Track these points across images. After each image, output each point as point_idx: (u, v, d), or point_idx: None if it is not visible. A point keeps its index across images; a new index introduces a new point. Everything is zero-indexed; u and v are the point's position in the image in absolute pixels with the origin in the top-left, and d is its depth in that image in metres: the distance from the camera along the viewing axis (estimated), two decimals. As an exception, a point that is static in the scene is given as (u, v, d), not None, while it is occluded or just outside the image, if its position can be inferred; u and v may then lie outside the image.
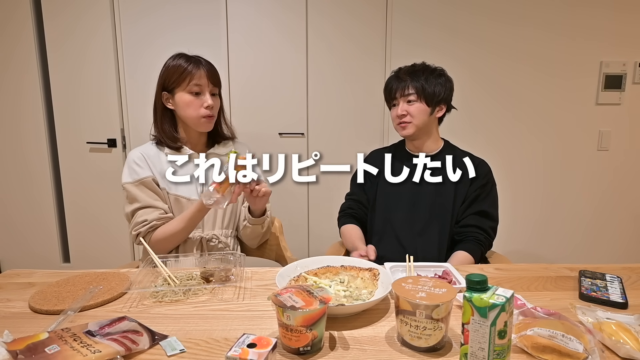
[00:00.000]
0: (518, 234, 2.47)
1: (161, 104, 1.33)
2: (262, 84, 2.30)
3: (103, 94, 2.30)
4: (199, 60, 1.31)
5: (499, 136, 2.38)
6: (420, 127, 1.35)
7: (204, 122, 1.32)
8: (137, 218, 1.27)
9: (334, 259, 1.05)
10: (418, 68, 1.37)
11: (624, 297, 0.90)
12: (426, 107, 1.34)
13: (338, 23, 2.26)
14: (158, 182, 1.32)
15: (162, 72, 1.32)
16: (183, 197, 1.32)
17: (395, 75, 1.40)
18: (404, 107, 1.34)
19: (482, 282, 0.63)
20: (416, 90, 1.33)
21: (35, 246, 2.47)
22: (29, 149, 2.38)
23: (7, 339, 0.71)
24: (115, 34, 2.24)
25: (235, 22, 2.24)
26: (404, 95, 1.34)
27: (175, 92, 1.30)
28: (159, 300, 0.93)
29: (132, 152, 1.35)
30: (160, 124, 1.35)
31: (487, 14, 2.26)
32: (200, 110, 1.30)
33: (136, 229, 1.26)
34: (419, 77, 1.34)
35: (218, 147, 1.41)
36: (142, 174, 1.30)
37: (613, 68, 2.31)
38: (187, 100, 1.29)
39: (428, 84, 1.33)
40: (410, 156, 1.42)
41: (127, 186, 1.29)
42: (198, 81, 1.28)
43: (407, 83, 1.34)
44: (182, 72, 1.27)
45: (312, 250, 2.47)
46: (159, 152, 1.35)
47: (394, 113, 1.39)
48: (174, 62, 1.30)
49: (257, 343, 0.66)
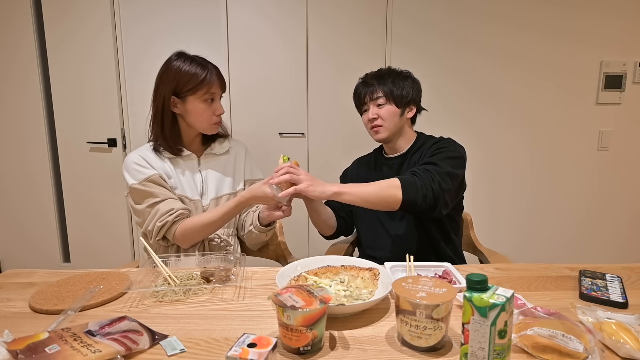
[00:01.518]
0: (517, 234, 2.47)
1: (169, 109, 1.28)
2: (262, 83, 2.30)
3: (103, 94, 2.30)
4: (209, 68, 1.28)
5: (499, 136, 2.38)
6: (392, 130, 1.35)
7: (214, 128, 1.34)
8: (162, 208, 1.22)
9: (334, 258, 1.05)
10: (384, 72, 1.38)
11: (624, 296, 0.90)
12: (396, 108, 1.34)
13: (338, 23, 2.26)
14: (165, 179, 1.29)
15: (172, 76, 1.25)
16: (186, 197, 1.31)
17: (362, 81, 1.41)
18: (374, 110, 1.35)
19: (482, 282, 0.63)
20: (384, 93, 1.34)
21: (36, 246, 2.47)
22: (29, 149, 2.38)
23: (8, 338, 0.71)
24: (116, 33, 2.24)
25: (236, 24, 2.24)
26: (373, 99, 1.35)
27: (188, 100, 1.27)
28: (159, 300, 0.93)
29: (130, 155, 1.31)
30: (167, 129, 1.30)
31: (487, 17, 2.27)
32: (212, 118, 1.30)
33: (162, 220, 1.21)
34: (386, 80, 1.35)
35: (215, 145, 1.41)
36: (147, 172, 1.26)
37: (613, 68, 2.31)
38: (201, 108, 1.28)
39: (396, 86, 1.34)
40: (385, 159, 1.45)
41: (135, 187, 1.24)
42: (214, 90, 1.28)
43: (375, 87, 1.35)
44: (199, 82, 1.25)
45: (312, 250, 2.47)
46: (158, 156, 1.32)
47: (365, 118, 1.39)
48: (186, 67, 1.25)
49: (257, 343, 0.66)
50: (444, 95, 2.30)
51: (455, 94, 2.30)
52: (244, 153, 1.47)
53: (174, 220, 1.22)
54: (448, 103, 2.30)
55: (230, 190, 1.39)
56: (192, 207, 1.31)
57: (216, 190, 1.36)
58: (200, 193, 1.35)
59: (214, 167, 1.39)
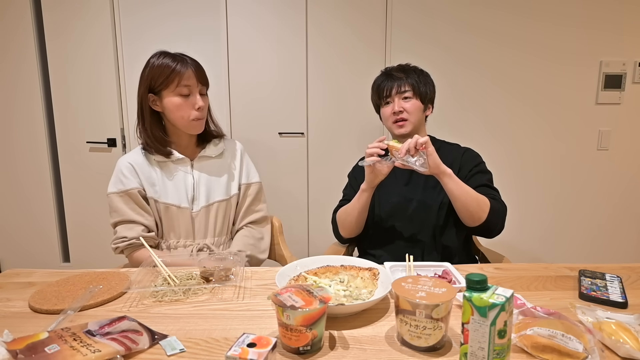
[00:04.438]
0: (516, 234, 2.47)
1: (148, 107, 1.27)
2: (262, 83, 2.30)
3: (103, 94, 2.30)
4: (184, 59, 1.24)
5: (498, 135, 2.38)
6: (416, 125, 1.36)
7: (195, 125, 1.28)
8: (118, 233, 1.25)
9: (334, 258, 1.04)
10: (408, 68, 1.38)
11: (624, 296, 0.90)
12: (421, 104, 1.35)
13: (339, 20, 2.25)
14: (145, 193, 1.28)
15: (147, 73, 1.25)
16: (173, 205, 1.28)
17: (386, 74, 1.39)
18: (400, 103, 1.34)
19: (481, 282, 0.63)
20: (412, 87, 1.34)
21: (35, 246, 2.47)
22: (28, 149, 2.38)
23: (7, 338, 0.71)
24: (115, 33, 2.24)
25: (236, 24, 2.24)
26: (400, 92, 1.34)
27: (163, 95, 1.24)
28: (159, 299, 0.93)
29: (120, 160, 1.31)
30: (148, 128, 1.28)
31: (488, 6, 2.26)
32: (191, 113, 1.25)
33: (115, 244, 1.25)
34: (412, 75, 1.35)
35: (209, 147, 1.36)
36: (127, 184, 1.26)
37: (613, 67, 2.31)
38: (176, 103, 1.23)
39: (421, 82, 1.35)
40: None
41: (110, 196, 1.27)
42: (187, 82, 1.22)
43: (403, 80, 1.34)
44: (169, 73, 1.21)
45: (312, 250, 2.47)
46: (148, 159, 1.30)
47: (388, 111, 1.37)
48: (159, 61, 1.23)
49: (256, 342, 0.66)
50: (439, 96, 2.30)
51: (453, 87, 2.31)
52: (239, 154, 1.42)
53: (125, 248, 1.25)
54: (442, 105, 2.31)
55: (223, 196, 1.34)
56: (180, 215, 1.28)
57: (207, 197, 1.32)
58: (191, 199, 1.30)
59: (208, 170, 1.34)
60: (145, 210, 1.28)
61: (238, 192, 1.39)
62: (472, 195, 1.20)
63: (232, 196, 1.37)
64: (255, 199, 1.41)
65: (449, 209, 1.32)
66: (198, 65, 1.27)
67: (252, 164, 1.46)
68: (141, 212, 1.27)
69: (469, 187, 1.20)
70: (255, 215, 1.40)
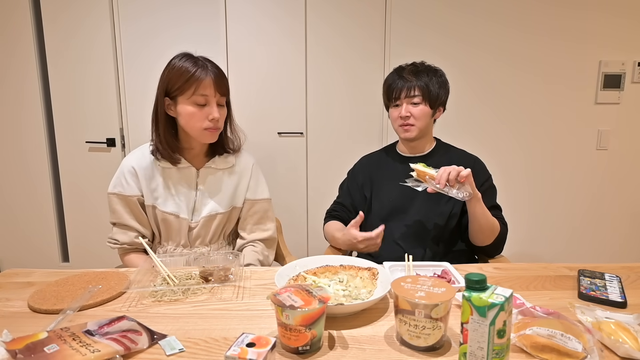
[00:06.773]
0: (516, 234, 2.46)
1: (163, 111, 1.21)
2: (261, 83, 2.30)
3: (102, 93, 2.30)
4: (205, 65, 1.17)
5: (498, 135, 2.38)
6: (422, 130, 1.34)
7: (206, 134, 1.21)
8: (113, 234, 1.29)
9: (333, 258, 1.04)
10: (421, 68, 1.34)
11: (623, 296, 0.90)
12: (429, 109, 1.32)
13: (336, 22, 2.26)
14: (144, 201, 1.26)
15: (165, 74, 1.19)
16: (171, 214, 1.26)
17: (397, 74, 1.35)
18: (407, 108, 1.32)
19: (481, 282, 0.63)
20: (422, 92, 1.30)
21: (35, 245, 2.47)
22: (28, 148, 2.38)
23: (6, 338, 0.71)
24: (115, 33, 2.24)
25: (235, 24, 2.24)
26: (408, 96, 1.31)
27: (179, 100, 1.18)
28: (158, 299, 0.93)
29: (125, 161, 1.28)
30: (161, 133, 1.22)
31: (486, 15, 2.27)
32: (204, 123, 1.19)
33: (108, 242, 1.29)
34: (423, 78, 1.31)
35: (217, 159, 1.31)
36: (127, 191, 1.25)
37: (612, 67, 2.31)
38: (190, 111, 1.17)
39: (432, 86, 1.31)
40: (402, 158, 1.42)
41: (110, 196, 1.28)
42: (204, 91, 1.16)
43: (413, 84, 1.30)
44: (187, 79, 1.14)
45: (311, 250, 2.47)
46: (153, 164, 1.27)
47: (395, 113, 1.35)
48: (180, 63, 1.17)
49: (256, 342, 0.66)
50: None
51: (453, 93, 2.30)
52: (250, 169, 1.35)
53: (116, 248, 1.28)
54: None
55: (224, 209, 1.30)
56: (178, 225, 1.26)
57: (208, 209, 1.28)
58: (191, 210, 1.28)
59: (213, 182, 1.30)
60: (142, 219, 1.28)
61: (241, 207, 1.34)
62: (489, 221, 1.23)
63: (234, 209, 1.33)
64: (263, 216, 1.36)
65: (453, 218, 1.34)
66: (220, 73, 1.20)
67: (263, 180, 1.39)
68: (137, 219, 1.28)
69: (489, 213, 1.23)
70: (264, 234, 1.35)
